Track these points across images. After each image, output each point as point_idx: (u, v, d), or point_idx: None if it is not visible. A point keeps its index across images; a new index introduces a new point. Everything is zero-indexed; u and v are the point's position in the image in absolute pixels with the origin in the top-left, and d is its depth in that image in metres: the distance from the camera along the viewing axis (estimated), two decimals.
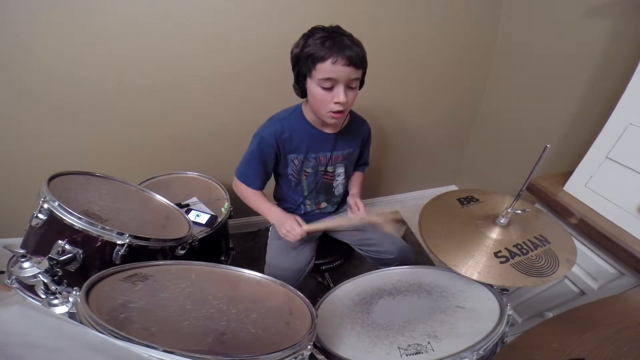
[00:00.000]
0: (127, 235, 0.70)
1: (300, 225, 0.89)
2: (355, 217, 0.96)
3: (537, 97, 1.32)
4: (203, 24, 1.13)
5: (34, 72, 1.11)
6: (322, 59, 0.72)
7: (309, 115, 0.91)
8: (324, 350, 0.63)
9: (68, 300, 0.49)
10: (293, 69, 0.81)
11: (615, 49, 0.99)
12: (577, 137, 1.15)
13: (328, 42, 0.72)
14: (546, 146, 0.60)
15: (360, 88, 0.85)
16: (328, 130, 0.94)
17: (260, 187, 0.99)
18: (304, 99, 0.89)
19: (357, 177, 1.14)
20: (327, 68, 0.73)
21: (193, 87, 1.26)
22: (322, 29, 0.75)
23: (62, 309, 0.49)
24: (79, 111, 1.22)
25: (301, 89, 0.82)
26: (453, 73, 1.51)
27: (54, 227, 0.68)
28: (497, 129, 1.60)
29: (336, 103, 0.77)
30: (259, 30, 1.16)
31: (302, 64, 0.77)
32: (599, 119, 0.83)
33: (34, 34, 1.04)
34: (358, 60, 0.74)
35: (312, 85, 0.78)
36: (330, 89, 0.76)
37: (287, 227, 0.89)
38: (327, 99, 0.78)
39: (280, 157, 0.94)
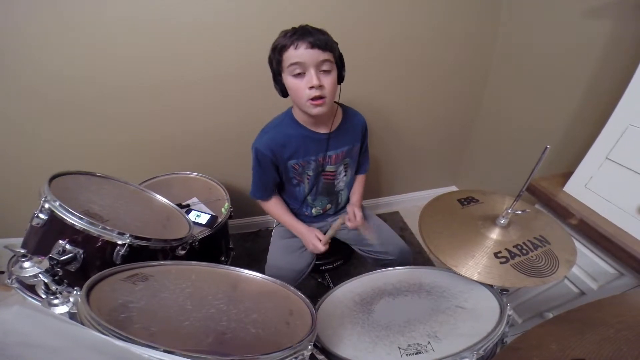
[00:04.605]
0: (128, 235, 0.71)
1: (320, 240, 0.96)
2: (351, 225, 0.98)
3: (537, 97, 1.32)
4: (203, 24, 1.13)
5: (35, 73, 1.11)
6: (286, 48, 0.75)
7: (299, 117, 0.91)
8: (324, 350, 0.63)
9: (68, 300, 0.49)
10: (271, 71, 0.84)
11: (615, 49, 0.99)
12: (577, 137, 1.15)
13: (290, 32, 0.76)
14: (546, 147, 0.60)
15: (340, 82, 0.85)
16: (322, 130, 0.93)
17: (272, 194, 1.03)
18: (292, 105, 0.92)
19: (358, 183, 1.13)
20: (291, 54, 0.75)
21: (193, 88, 1.26)
22: (292, 28, 0.78)
23: (62, 309, 0.49)
24: (79, 111, 1.22)
25: (280, 87, 0.84)
26: (453, 73, 1.51)
27: (55, 227, 0.68)
28: (497, 129, 1.60)
29: (311, 88, 0.77)
30: (259, 30, 1.16)
31: (274, 61, 0.80)
32: (599, 119, 0.83)
33: (35, 34, 1.05)
34: (320, 42, 0.75)
35: (286, 79, 0.80)
36: (301, 75, 0.77)
37: (310, 245, 0.97)
38: (301, 87, 0.78)
39: (279, 165, 0.94)
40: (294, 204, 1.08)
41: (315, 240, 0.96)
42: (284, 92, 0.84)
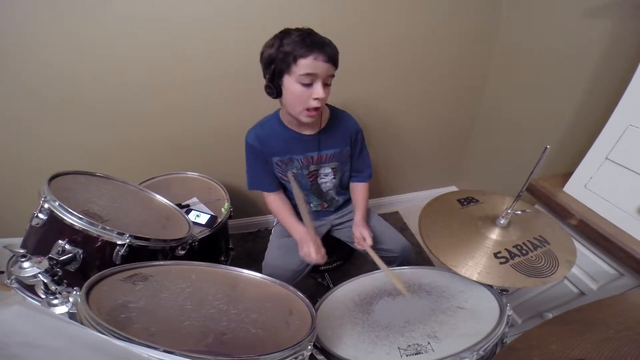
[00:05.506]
0: (127, 235, 0.71)
1: (318, 253, 0.89)
2: (360, 247, 0.96)
3: (537, 97, 1.32)
4: (203, 24, 1.13)
5: (35, 73, 1.11)
6: (304, 55, 0.73)
7: (285, 118, 0.93)
8: (324, 351, 0.63)
9: (68, 300, 0.49)
10: (266, 69, 0.81)
11: (615, 49, 0.99)
12: (577, 138, 1.15)
13: (307, 39, 0.74)
14: (546, 147, 0.60)
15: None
16: (306, 132, 0.94)
17: (273, 187, 1.02)
18: (280, 107, 0.93)
19: (360, 194, 1.08)
20: (309, 63, 0.74)
21: (193, 88, 1.26)
22: (296, 29, 0.77)
23: (62, 309, 0.49)
24: (79, 111, 1.22)
25: (276, 89, 0.81)
26: (453, 73, 1.51)
27: (54, 227, 0.68)
28: (497, 129, 1.60)
29: (315, 99, 0.78)
30: (259, 30, 1.16)
31: (280, 62, 0.77)
32: (598, 120, 0.83)
33: (35, 34, 1.04)
34: (334, 57, 0.77)
35: (290, 83, 0.78)
36: (309, 85, 0.77)
37: (305, 249, 0.90)
38: (305, 96, 0.78)
39: (267, 158, 0.97)
40: (292, 200, 1.08)
41: (312, 248, 0.88)
42: (279, 93, 0.82)
